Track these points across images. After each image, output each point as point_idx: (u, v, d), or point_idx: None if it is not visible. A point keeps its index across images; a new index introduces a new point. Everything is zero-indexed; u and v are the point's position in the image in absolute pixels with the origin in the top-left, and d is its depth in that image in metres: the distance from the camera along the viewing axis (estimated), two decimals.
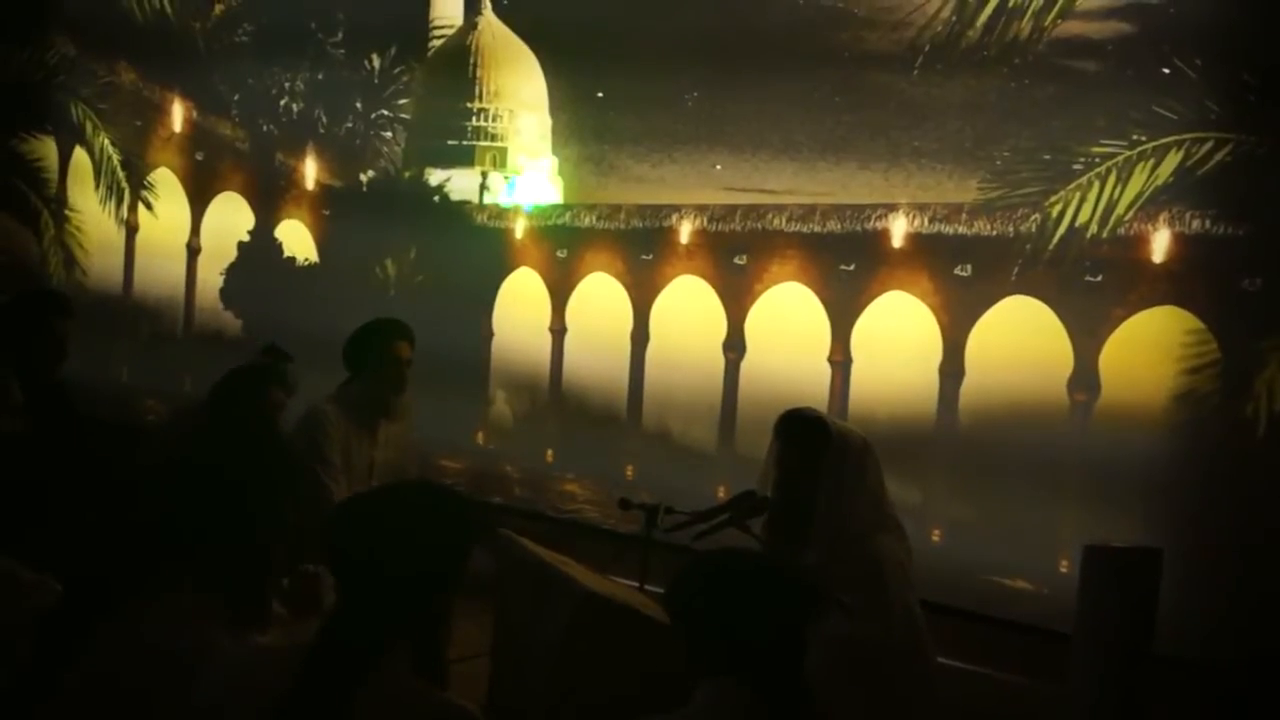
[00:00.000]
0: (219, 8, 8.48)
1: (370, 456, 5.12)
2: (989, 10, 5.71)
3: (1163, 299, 5.35)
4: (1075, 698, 4.27)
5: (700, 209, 6.63)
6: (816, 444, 3.85)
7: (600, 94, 6.98)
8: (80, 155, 9.18)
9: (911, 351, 5.93)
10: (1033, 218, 5.62)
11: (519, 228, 7.29)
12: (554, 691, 3.56)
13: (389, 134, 7.84)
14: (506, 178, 7.37)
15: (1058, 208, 5.57)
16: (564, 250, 7.12)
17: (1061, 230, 5.56)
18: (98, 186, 9.10)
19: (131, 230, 8.98)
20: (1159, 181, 5.32)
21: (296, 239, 8.20)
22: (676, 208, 6.70)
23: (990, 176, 5.74)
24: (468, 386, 7.36)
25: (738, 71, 6.44)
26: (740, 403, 6.48)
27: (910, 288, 5.97)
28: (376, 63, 7.85)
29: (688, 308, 6.66)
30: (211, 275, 8.57)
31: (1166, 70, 5.27)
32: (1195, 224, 5.28)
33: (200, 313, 8.63)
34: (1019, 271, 5.66)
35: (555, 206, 7.19)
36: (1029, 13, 5.60)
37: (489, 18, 7.47)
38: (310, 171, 8.12)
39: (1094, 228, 5.49)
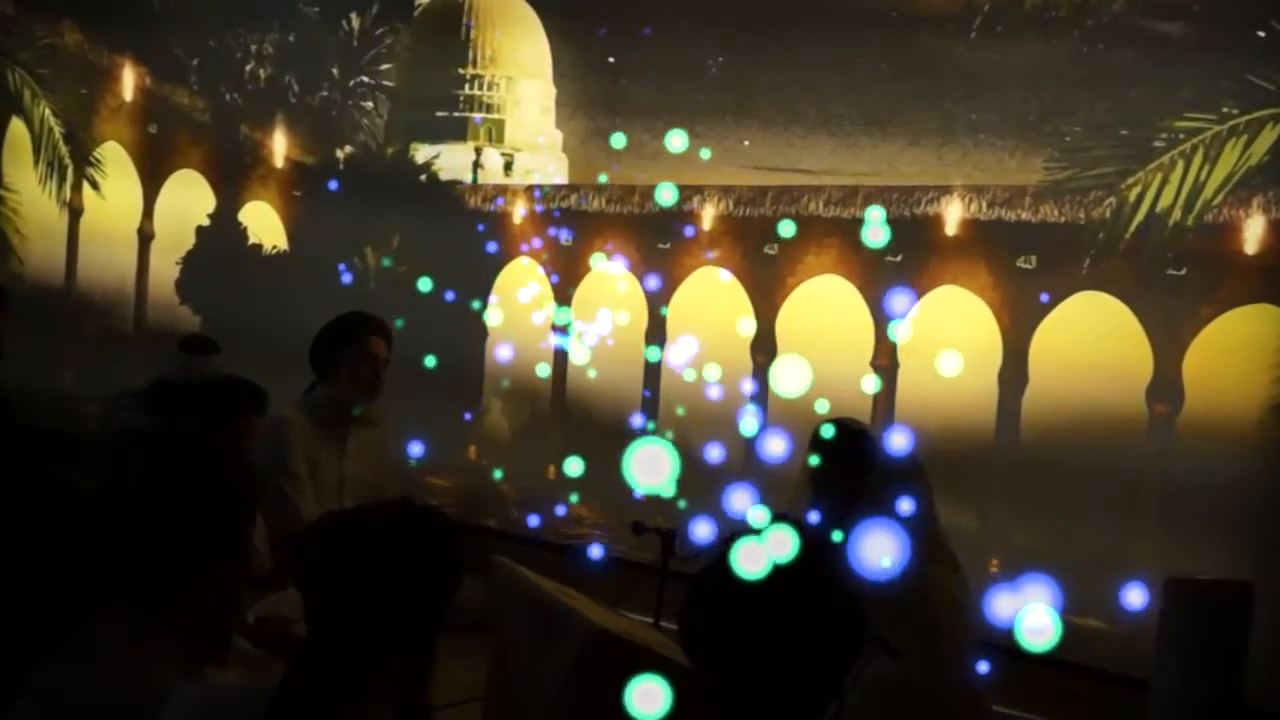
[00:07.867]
0: None
1: (340, 470, 5.10)
2: None
3: (1256, 296, 5.34)
4: None
5: (725, 191, 6.63)
6: (858, 460, 3.83)
7: (612, 59, 6.98)
8: (17, 127, 9.20)
9: (967, 355, 5.91)
10: (1107, 202, 5.61)
11: (518, 212, 7.29)
12: None
13: (369, 104, 7.85)
14: (504, 154, 7.38)
15: (1135, 191, 5.55)
16: (570, 238, 7.12)
17: (1140, 217, 5.55)
18: (37, 163, 9.13)
19: (75, 213, 9.00)
20: (1253, 161, 5.31)
21: (263, 223, 8.22)
22: (698, 189, 6.70)
23: (1058, 154, 5.74)
24: (459, 393, 7.36)
25: (768, 34, 6.43)
26: (770, 413, 6.47)
27: (966, 282, 5.96)
28: (356, 23, 7.86)
29: (710, 304, 6.66)
30: (166, 264, 8.59)
31: (1262, 33, 5.25)
32: None
33: (153, 308, 8.65)
34: (1090, 264, 5.65)
35: (559, 188, 7.19)
36: None
37: None
38: (279, 147, 8.13)
39: (1177, 214, 5.48)
